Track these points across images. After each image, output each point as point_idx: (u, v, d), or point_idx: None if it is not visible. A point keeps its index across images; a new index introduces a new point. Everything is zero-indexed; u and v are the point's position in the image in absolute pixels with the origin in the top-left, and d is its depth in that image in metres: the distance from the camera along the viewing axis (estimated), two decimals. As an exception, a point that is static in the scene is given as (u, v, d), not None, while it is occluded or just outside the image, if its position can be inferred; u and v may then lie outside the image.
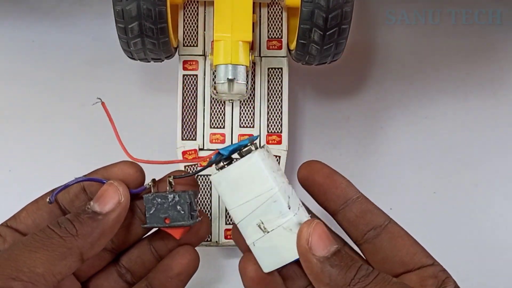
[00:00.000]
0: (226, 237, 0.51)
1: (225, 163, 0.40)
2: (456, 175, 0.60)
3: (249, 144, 0.39)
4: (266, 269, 0.40)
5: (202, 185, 0.51)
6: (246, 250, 0.41)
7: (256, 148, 0.39)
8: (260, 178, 0.39)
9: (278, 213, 0.39)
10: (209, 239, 0.51)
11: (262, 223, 0.39)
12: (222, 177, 0.40)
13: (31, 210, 0.42)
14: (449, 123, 0.61)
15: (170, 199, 0.40)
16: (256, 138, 0.41)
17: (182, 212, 0.40)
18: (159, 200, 0.40)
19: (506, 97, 0.62)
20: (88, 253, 0.38)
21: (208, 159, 0.40)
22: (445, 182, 0.59)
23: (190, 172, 0.42)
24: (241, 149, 0.39)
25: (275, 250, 0.40)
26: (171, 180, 0.41)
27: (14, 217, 0.41)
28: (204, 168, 0.41)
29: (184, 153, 0.50)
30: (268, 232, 0.39)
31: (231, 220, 0.51)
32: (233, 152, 0.40)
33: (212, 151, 0.49)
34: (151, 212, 0.40)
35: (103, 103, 0.43)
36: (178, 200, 0.40)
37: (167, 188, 0.41)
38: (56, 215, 0.42)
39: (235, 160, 0.40)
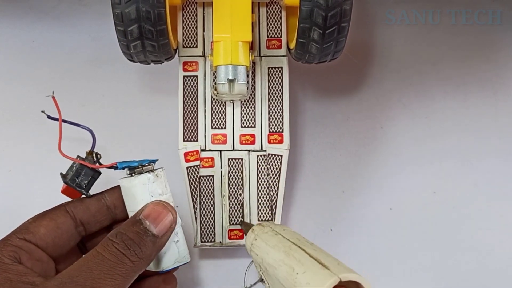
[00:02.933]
0: (229, 238, 0.51)
1: (129, 172, 0.45)
2: (456, 175, 0.60)
3: (139, 166, 0.45)
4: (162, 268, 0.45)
5: (205, 187, 0.51)
6: None
7: (152, 171, 0.45)
8: (138, 197, 0.44)
9: None
10: (213, 240, 0.51)
11: None
12: (123, 183, 0.45)
13: (49, 227, 0.42)
14: (449, 123, 0.61)
15: (74, 164, 0.46)
16: (155, 161, 0.46)
17: (69, 173, 0.46)
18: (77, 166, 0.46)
19: (506, 97, 0.62)
20: (140, 273, 0.40)
21: (104, 167, 0.46)
22: (445, 182, 0.59)
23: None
24: (135, 167, 0.45)
25: (164, 256, 0.44)
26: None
27: (32, 232, 0.41)
28: (96, 169, 0.46)
29: (186, 154, 0.50)
30: None
31: (235, 220, 0.51)
32: (127, 167, 0.45)
33: (214, 151, 0.51)
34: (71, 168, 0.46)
35: (53, 97, 0.49)
36: (73, 166, 0.46)
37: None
38: (72, 234, 0.43)
39: (133, 173, 0.45)
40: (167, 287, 0.47)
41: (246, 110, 0.51)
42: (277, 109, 0.51)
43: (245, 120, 0.51)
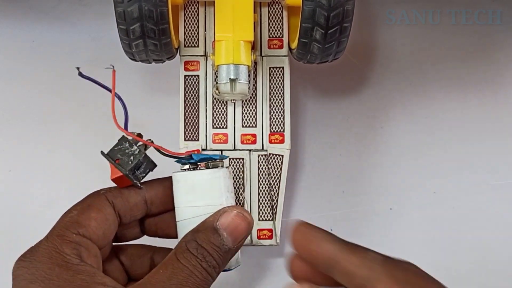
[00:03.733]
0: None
1: (191, 166, 0.44)
2: (456, 175, 0.60)
3: (218, 160, 0.45)
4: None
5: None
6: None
7: (222, 167, 0.45)
8: (215, 191, 0.44)
9: None
10: None
11: None
12: (184, 177, 0.44)
13: (99, 219, 0.40)
14: (449, 123, 0.61)
15: (132, 149, 0.44)
16: (226, 158, 0.48)
17: (129, 163, 0.43)
18: (127, 145, 0.44)
19: (506, 97, 0.62)
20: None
21: (180, 155, 0.45)
22: (445, 182, 0.59)
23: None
24: (210, 161, 0.45)
25: None
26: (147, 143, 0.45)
27: (84, 226, 0.39)
28: (172, 156, 0.45)
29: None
30: None
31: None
32: (202, 160, 0.44)
33: (215, 151, 0.51)
34: (116, 148, 0.44)
35: (113, 71, 0.47)
36: (136, 153, 0.43)
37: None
38: (116, 225, 0.42)
39: (199, 168, 0.45)
40: None
41: (248, 110, 0.51)
42: (278, 109, 0.51)
43: (246, 119, 0.51)
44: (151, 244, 0.48)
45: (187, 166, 0.45)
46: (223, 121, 0.51)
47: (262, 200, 0.51)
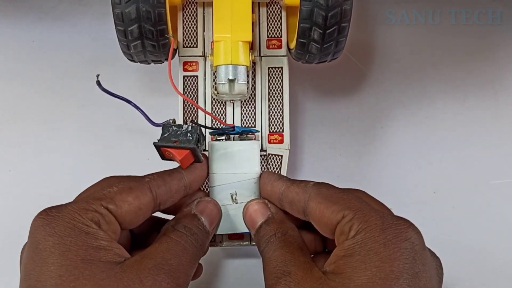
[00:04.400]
0: (230, 238, 0.51)
1: (225, 137, 0.49)
2: (456, 175, 0.60)
3: (254, 132, 0.49)
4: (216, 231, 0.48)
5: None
6: None
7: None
8: (252, 160, 0.48)
9: (252, 192, 0.48)
10: (213, 240, 0.51)
11: (236, 194, 0.48)
12: (222, 146, 0.48)
13: (133, 206, 0.41)
14: (449, 123, 0.61)
15: (184, 128, 0.44)
16: (258, 132, 0.50)
17: (190, 138, 0.44)
18: (175, 128, 0.44)
19: (506, 97, 0.62)
20: None
21: (224, 125, 0.50)
22: (445, 182, 0.59)
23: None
24: (247, 134, 0.49)
25: (234, 219, 0.48)
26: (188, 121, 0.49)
27: (116, 204, 0.40)
28: (214, 129, 0.49)
29: None
30: (236, 203, 0.48)
31: None
32: (243, 132, 0.49)
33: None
34: (165, 136, 0.44)
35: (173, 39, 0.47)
36: (190, 130, 0.44)
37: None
38: (148, 214, 0.43)
39: (232, 139, 0.49)
40: None
41: (246, 110, 0.51)
42: (277, 109, 0.51)
43: (245, 120, 0.51)
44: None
45: (223, 137, 0.49)
46: (222, 121, 0.51)
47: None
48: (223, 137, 0.49)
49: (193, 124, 0.45)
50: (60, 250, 0.37)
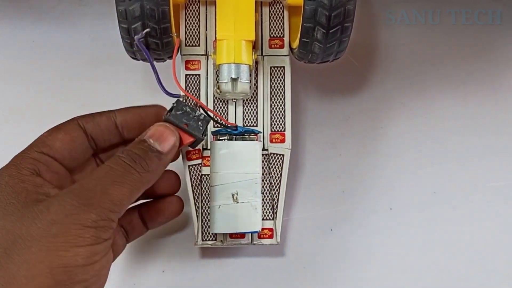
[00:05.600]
0: (231, 236, 0.51)
1: (227, 137, 0.49)
2: (456, 175, 0.60)
3: (256, 133, 0.50)
4: (216, 230, 0.49)
5: (206, 186, 0.51)
6: None
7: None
8: (254, 161, 0.49)
9: (254, 192, 0.49)
10: (214, 239, 0.51)
11: (237, 194, 0.49)
12: (225, 146, 0.49)
13: (65, 141, 0.44)
14: (449, 123, 0.61)
15: (197, 113, 0.45)
16: (260, 133, 0.51)
17: (201, 128, 0.45)
18: (188, 109, 0.45)
19: (506, 97, 0.62)
20: (148, 187, 0.42)
21: (227, 124, 0.50)
22: (445, 182, 0.59)
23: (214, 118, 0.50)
24: (250, 134, 0.49)
25: (234, 218, 0.49)
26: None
27: (48, 145, 0.43)
28: (220, 123, 0.50)
29: (188, 152, 0.50)
30: (237, 202, 0.49)
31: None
32: (245, 132, 0.49)
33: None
34: (177, 113, 0.45)
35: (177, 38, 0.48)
36: (202, 118, 0.45)
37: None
38: (86, 147, 0.45)
39: (234, 139, 0.49)
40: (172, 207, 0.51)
41: (249, 109, 0.51)
42: (279, 108, 0.51)
43: (247, 119, 0.51)
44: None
45: (226, 137, 0.49)
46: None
47: (263, 200, 0.51)
48: (225, 137, 0.49)
49: (205, 115, 0.45)
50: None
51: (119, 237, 0.48)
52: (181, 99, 0.46)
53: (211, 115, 0.48)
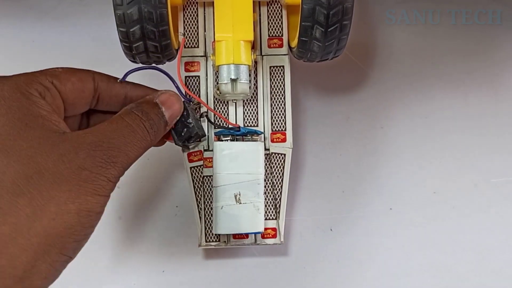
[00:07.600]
0: (234, 237, 0.51)
1: (230, 138, 0.50)
2: (456, 175, 0.60)
3: (259, 134, 0.50)
4: (219, 231, 0.49)
5: (209, 187, 0.51)
6: None
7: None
8: (256, 161, 0.49)
9: (256, 193, 0.49)
10: (217, 240, 0.51)
11: (239, 194, 0.49)
12: (227, 147, 0.49)
13: (76, 86, 0.43)
14: (449, 123, 0.61)
15: (188, 120, 0.47)
16: (262, 133, 0.51)
17: (182, 135, 0.47)
18: (184, 113, 0.47)
19: (506, 97, 0.62)
20: None
21: (229, 124, 0.51)
22: (445, 182, 0.59)
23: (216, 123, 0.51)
24: (252, 135, 0.50)
25: (237, 219, 0.49)
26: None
27: (60, 81, 0.41)
28: (222, 127, 0.51)
29: (189, 154, 0.50)
30: (240, 203, 0.49)
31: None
32: (247, 133, 0.50)
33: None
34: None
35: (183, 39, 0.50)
36: (189, 126, 0.47)
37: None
38: (87, 102, 0.44)
39: (235, 139, 0.50)
40: None
41: (249, 110, 0.51)
42: (279, 108, 0.51)
43: (248, 119, 0.51)
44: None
45: (228, 138, 0.50)
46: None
47: (266, 199, 0.51)
48: (228, 138, 0.50)
49: (199, 117, 0.48)
50: (2, 111, 0.37)
51: None
52: (190, 103, 0.48)
53: (212, 118, 0.49)
